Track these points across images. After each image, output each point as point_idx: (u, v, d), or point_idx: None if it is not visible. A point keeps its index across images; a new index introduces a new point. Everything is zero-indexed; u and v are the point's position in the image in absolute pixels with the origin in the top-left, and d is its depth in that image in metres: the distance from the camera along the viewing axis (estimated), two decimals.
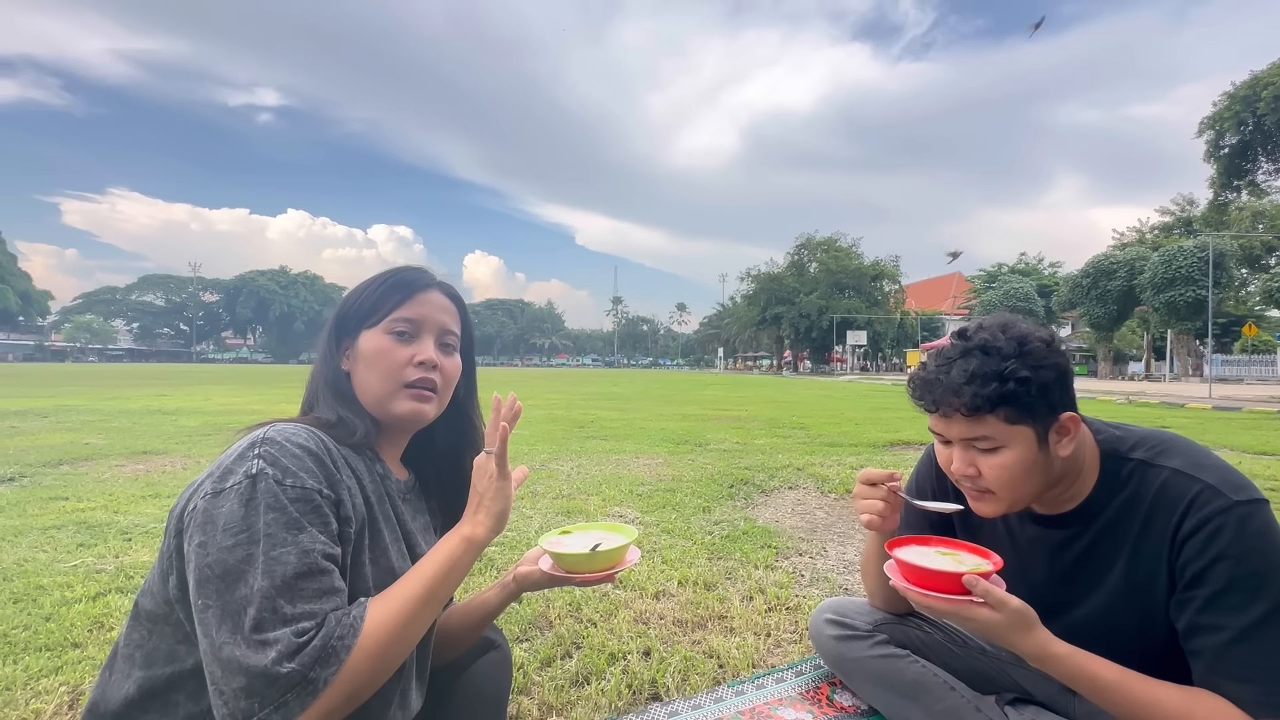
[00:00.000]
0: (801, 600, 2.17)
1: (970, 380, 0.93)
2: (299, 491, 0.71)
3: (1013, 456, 0.95)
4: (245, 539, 0.67)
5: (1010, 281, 47.28)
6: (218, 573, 0.66)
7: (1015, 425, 0.93)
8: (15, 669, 1.62)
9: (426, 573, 0.79)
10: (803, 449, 5.90)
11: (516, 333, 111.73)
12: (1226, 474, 0.92)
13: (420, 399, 0.88)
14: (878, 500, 1.14)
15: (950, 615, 0.91)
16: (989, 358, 0.94)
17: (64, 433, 6.39)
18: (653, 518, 3.30)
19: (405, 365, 0.87)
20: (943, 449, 1.05)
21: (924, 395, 1.00)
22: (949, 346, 1.00)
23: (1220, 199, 36.82)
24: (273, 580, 0.66)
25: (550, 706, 1.48)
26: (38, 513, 3.24)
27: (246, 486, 0.69)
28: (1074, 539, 1.05)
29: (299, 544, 0.68)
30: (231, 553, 0.66)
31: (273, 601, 0.65)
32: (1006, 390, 0.91)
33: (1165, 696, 0.88)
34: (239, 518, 0.68)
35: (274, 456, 0.72)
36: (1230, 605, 0.86)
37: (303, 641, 0.65)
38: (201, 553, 0.68)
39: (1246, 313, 39.02)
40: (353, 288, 0.93)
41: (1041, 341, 0.95)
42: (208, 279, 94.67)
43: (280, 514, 0.69)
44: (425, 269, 0.95)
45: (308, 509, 0.71)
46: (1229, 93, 33.72)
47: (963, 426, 0.96)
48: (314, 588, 0.68)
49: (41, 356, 71.72)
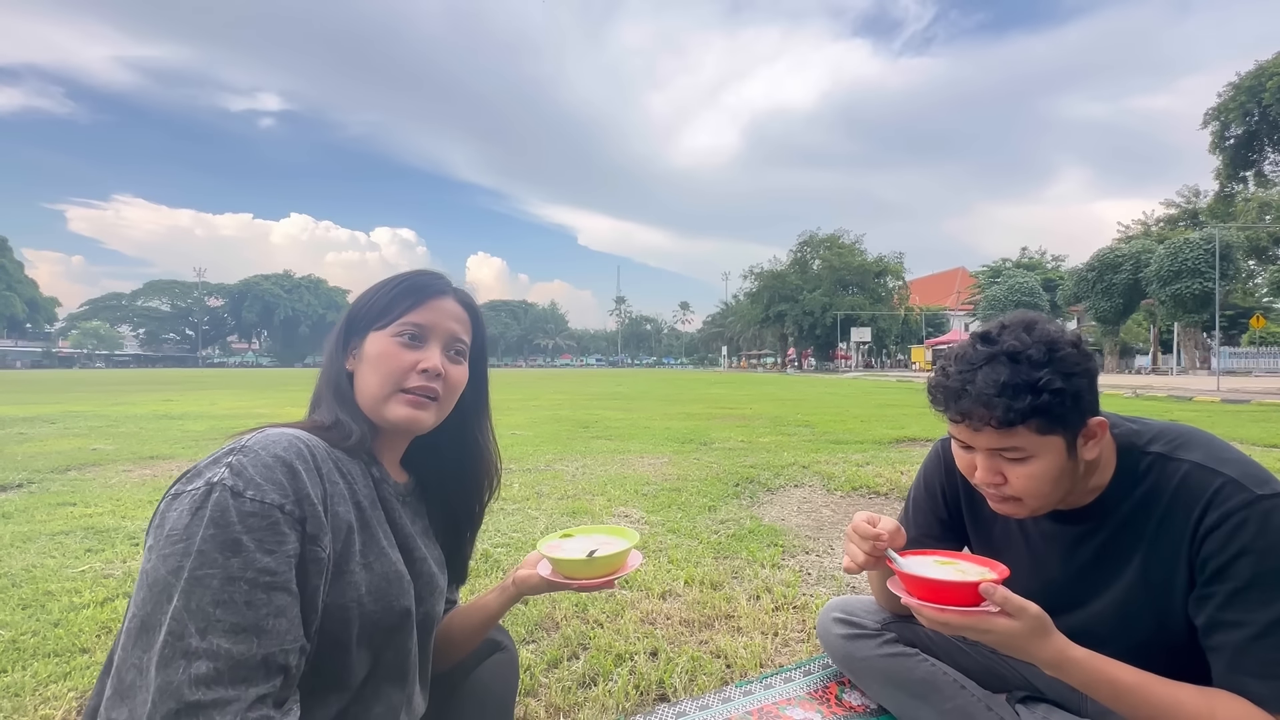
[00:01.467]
0: (809, 599, 2.16)
1: (1002, 392, 0.88)
2: (256, 505, 0.66)
3: (1042, 466, 0.92)
4: (181, 550, 0.63)
5: (1014, 276, 47.10)
6: (149, 581, 0.64)
7: (1046, 436, 0.90)
8: (24, 675, 1.62)
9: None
10: (808, 447, 5.88)
11: (520, 334, 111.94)
12: (1248, 467, 0.90)
13: (417, 406, 0.86)
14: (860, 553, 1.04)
15: (967, 629, 0.87)
16: (1019, 366, 0.88)
17: (72, 438, 6.43)
18: (658, 517, 3.29)
19: (408, 371, 0.86)
20: (963, 454, 1.01)
21: (949, 405, 0.95)
22: (971, 351, 0.94)
23: (1226, 190, 36.62)
24: (187, 602, 0.62)
25: (557, 708, 1.48)
26: (46, 518, 3.25)
27: (201, 495, 0.66)
28: (1090, 534, 1.03)
29: (227, 568, 0.63)
30: (165, 562, 0.63)
31: (182, 627, 0.61)
32: (1040, 403, 0.87)
33: (1185, 699, 0.86)
34: (182, 526, 0.64)
35: (241, 466, 0.68)
36: (1252, 601, 0.84)
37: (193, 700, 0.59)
38: (147, 556, 0.66)
39: (1254, 304, 38.74)
40: (367, 288, 0.92)
41: (1072, 346, 0.90)
42: (213, 284, 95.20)
43: (220, 531, 0.64)
44: (442, 274, 0.93)
45: (260, 525, 0.66)
46: (1234, 83, 33.53)
47: (992, 438, 0.92)
48: (232, 620, 0.63)
49: (49, 363, 72.03)
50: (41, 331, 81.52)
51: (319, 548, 0.72)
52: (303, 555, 0.70)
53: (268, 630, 0.65)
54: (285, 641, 0.66)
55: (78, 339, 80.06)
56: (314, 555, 0.71)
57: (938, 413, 0.99)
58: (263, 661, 0.64)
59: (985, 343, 0.94)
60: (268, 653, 0.64)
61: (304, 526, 0.71)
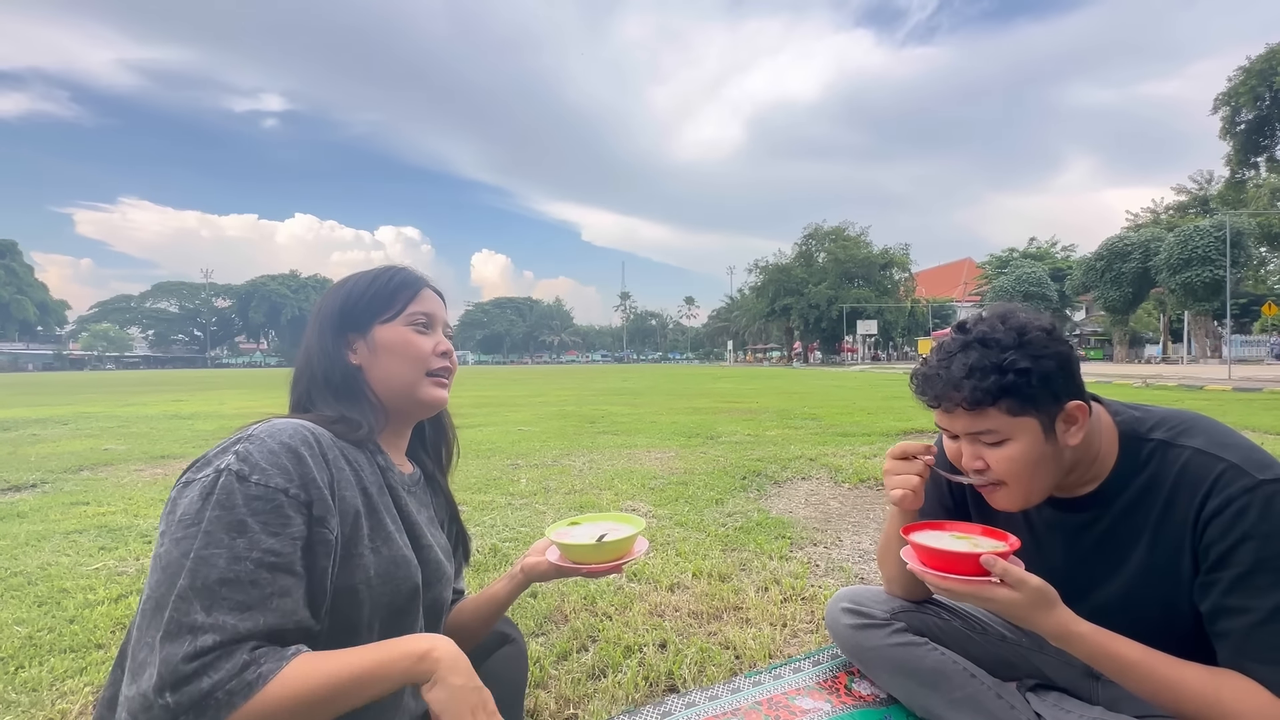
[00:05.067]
0: (817, 590, 2.16)
1: (970, 374, 0.92)
2: (261, 489, 0.69)
3: (1019, 448, 0.94)
4: (191, 533, 0.66)
5: (1022, 266, 46.77)
6: (162, 564, 0.66)
7: (1019, 417, 0.92)
8: (41, 670, 1.64)
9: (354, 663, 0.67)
10: (815, 439, 5.87)
11: (525, 330, 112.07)
12: (1251, 453, 0.90)
13: (441, 385, 0.95)
14: (913, 475, 1.10)
15: (969, 597, 0.90)
16: (988, 349, 0.92)
17: (84, 439, 6.50)
18: (666, 511, 3.29)
19: (430, 355, 0.93)
20: (951, 443, 1.04)
21: (925, 391, 0.99)
22: (949, 340, 0.99)
23: (1237, 176, 36.08)
24: (193, 580, 0.64)
25: (567, 699, 1.48)
26: (60, 518, 3.29)
27: (210, 481, 0.69)
28: (1093, 522, 1.02)
29: (233, 548, 0.65)
30: (178, 545, 0.66)
31: (188, 604, 0.63)
32: (1006, 382, 0.90)
33: (1191, 676, 0.87)
34: (194, 511, 0.67)
35: (248, 453, 0.71)
36: (1256, 586, 0.84)
37: (188, 671, 0.60)
38: (159, 541, 0.68)
39: (1266, 292, 38.27)
40: (346, 286, 0.94)
41: (1042, 330, 0.93)
42: (220, 285, 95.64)
43: (225, 513, 0.67)
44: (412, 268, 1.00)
45: (265, 508, 0.68)
46: (1245, 67, 33.00)
47: (966, 420, 0.95)
48: (236, 598, 0.64)
49: (60, 365, 72.74)
50: (52, 334, 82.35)
51: (326, 529, 0.74)
52: (310, 537, 0.72)
53: (272, 609, 0.67)
54: (289, 621, 0.68)
55: (88, 341, 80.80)
56: (322, 537, 0.73)
57: (919, 401, 1.02)
58: (266, 638, 0.66)
59: (961, 331, 0.98)
60: (271, 628, 0.66)
61: (310, 510, 0.72)
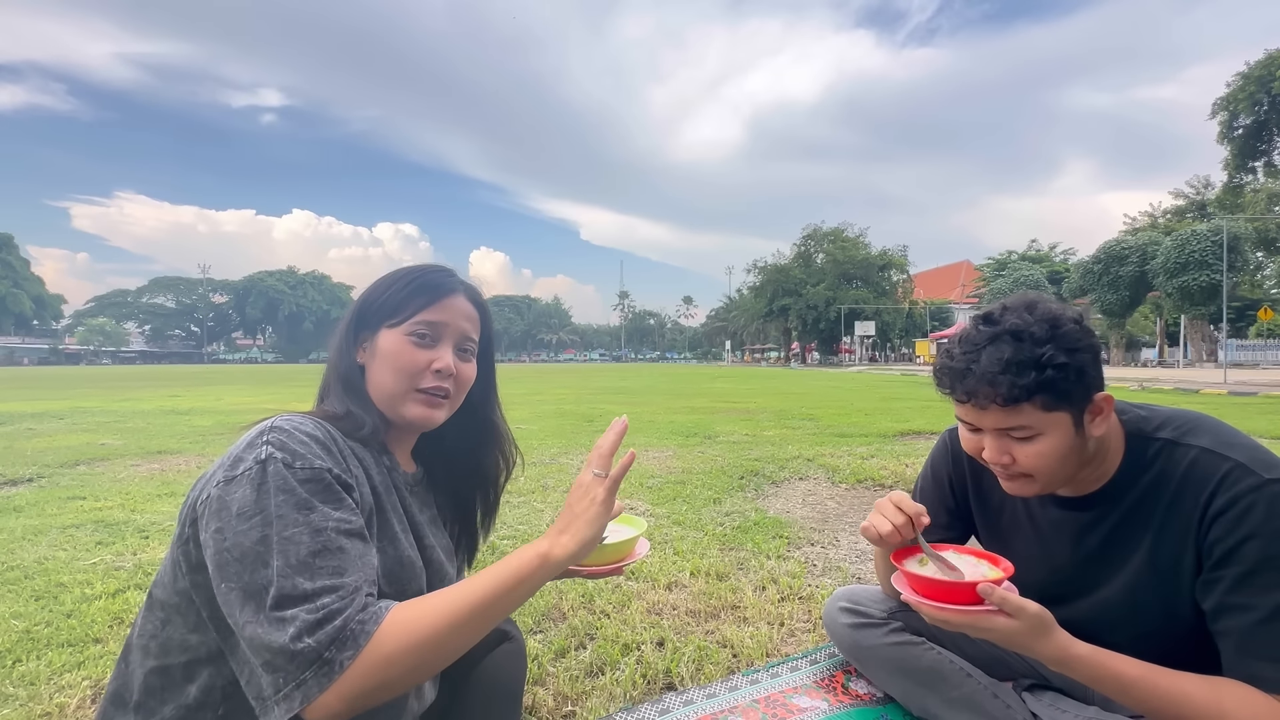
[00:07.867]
0: (814, 589, 2.17)
1: (1005, 369, 0.88)
2: (309, 472, 0.72)
3: (1050, 444, 0.91)
4: (259, 521, 0.68)
5: (1020, 269, 46.88)
6: (235, 556, 0.67)
7: (1053, 412, 0.90)
8: (39, 664, 1.64)
9: (487, 582, 0.73)
10: (812, 440, 5.88)
11: (523, 329, 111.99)
12: (1257, 452, 0.90)
13: (430, 405, 0.88)
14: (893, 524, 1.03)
15: (966, 627, 0.88)
16: (1021, 344, 0.89)
17: (80, 434, 6.47)
18: (663, 510, 3.30)
19: (422, 370, 0.87)
20: (970, 436, 1.01)
21: (955, 386, 0.94)
22: (974, 332, 0.95)
23: (1235, 181, 36.21)
24: (287, 560, 0.66)
25: (565, 697, 1.49)
26: (57, 512, 3.28)
27: (257, 472, 0.70)
28: (1099, 520, 1.02)
29: (310, 523, 0.69)
30: (247, 535, 0.67)
31: (291, 580, 0.66)
32: (1045, 378, 0.87)
33: (1192, 689, 0.86)
34: (251, 502, 0.69)
35: (282, 442, 0.73)
36: (1260, 585, 0.84)
37: (319, 618, 0.65)
38: (219, 538, 0.69)
39: (1262, 296, 38.48)
40: (377, 280, 0.92)
41: (1074, 322, 0.91)
42: (217, 280, 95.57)
43: (290, 495, 0.69)
44: (453, 271, 0.94)
45: (319, 488, 0.72)
46: (1243, 73, 33.13)
47: (998, 417, 0.92)
48: (332, 565, 0.68)
49: (56, 360, 72.36)
50: (48, 329, 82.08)
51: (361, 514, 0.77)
52: None
53: (361, 568, 0.71)
54: (374, 581, 0.73)
55: (84, 336, 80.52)
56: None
57: (943, 395, 0.99)
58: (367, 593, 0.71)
59: (988, 323, 0.94)
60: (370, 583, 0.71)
61: (350, 492, 0.76)
